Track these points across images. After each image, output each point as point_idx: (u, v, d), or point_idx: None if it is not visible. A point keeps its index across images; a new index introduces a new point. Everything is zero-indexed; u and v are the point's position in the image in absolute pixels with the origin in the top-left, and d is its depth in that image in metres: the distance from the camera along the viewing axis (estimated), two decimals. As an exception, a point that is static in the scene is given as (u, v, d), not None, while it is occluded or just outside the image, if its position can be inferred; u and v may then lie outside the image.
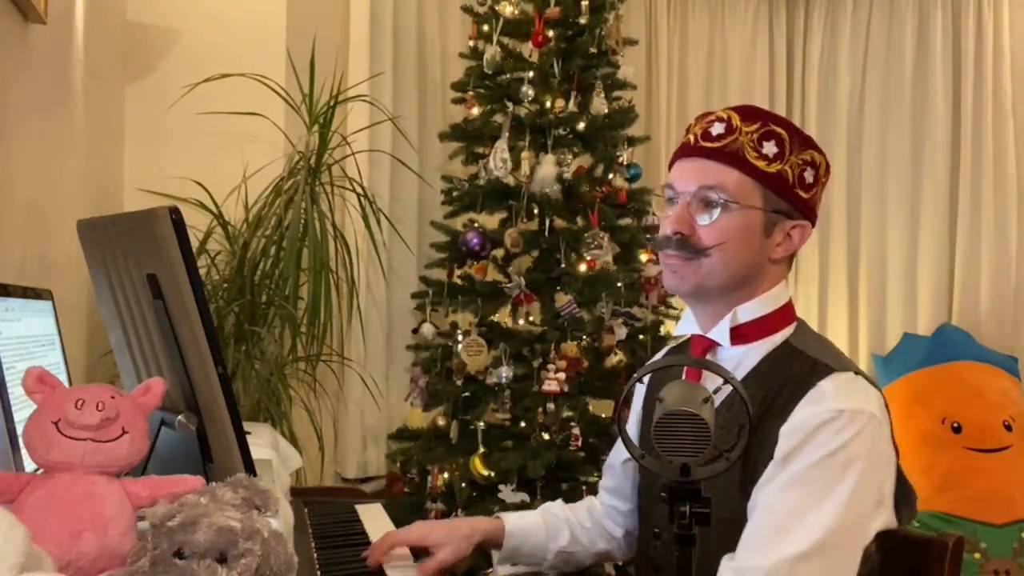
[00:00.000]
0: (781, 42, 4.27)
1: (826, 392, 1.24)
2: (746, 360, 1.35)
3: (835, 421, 1.22)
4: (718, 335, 1.36)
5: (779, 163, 1.31)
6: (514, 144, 3.23)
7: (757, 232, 1.32)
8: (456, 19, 3.73)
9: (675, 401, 1.00)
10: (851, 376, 1.28)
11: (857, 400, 1.25)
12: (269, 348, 2.85)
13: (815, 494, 1.20)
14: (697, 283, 1.34)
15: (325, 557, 1.53)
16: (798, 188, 1.33)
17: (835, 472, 1.21)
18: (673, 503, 0.99)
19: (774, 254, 1.35)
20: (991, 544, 3.47)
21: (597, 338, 3.21)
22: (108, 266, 1.37)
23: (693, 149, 1.35)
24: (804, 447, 1.22)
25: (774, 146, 1.31)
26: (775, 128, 1.33)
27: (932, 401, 3.68)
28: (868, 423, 1.24)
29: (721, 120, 1.34)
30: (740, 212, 1.31)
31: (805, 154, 1.34)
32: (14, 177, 1.90)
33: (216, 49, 2.95)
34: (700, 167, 1.33)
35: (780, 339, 1.35)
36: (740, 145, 1.31)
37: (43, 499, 0.97)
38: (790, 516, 1.20)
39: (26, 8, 1.88)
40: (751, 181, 1.31)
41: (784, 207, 1.33)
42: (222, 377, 1.14)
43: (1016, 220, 4.07)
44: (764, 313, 1.35)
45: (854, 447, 1.22)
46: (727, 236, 1.31)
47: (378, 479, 3.55)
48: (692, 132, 1.38)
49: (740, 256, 1.32)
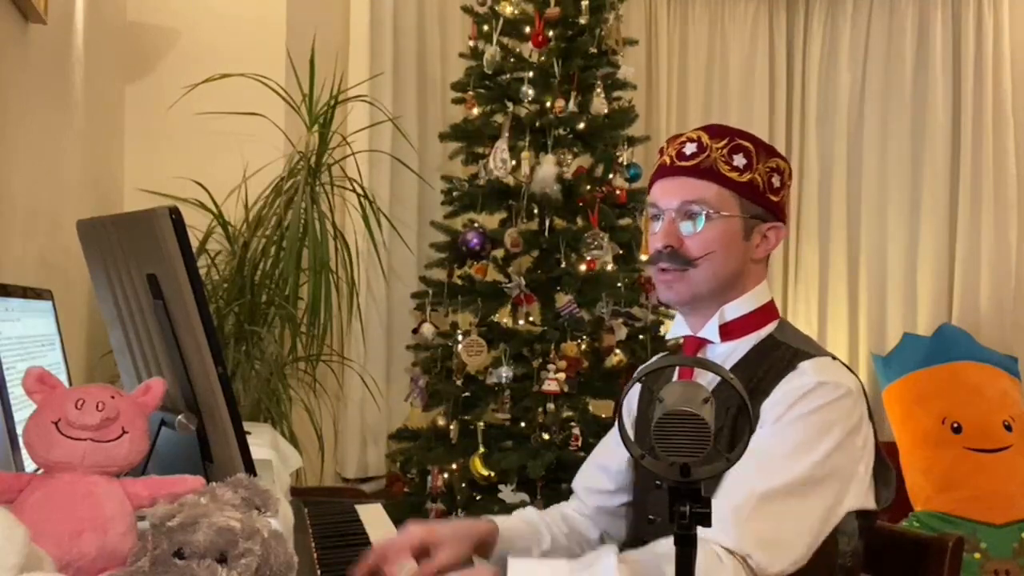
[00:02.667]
0: (781, 42, 4.26)
1: (806, 370, 1.36)
2: (733, 355, 1.45)
3: (816, 390, 1.32)
4: (708, 333, 1.47)
5: (749, 172, 1.44)
6: (514, 144, 3.22)
7: (738, 237, 1.44)
8: (456, 19, 3.73)
9: (675, 401, 0.99)
10: (829, 360, 1.40)
11: (835, 375, 1.36)
12: (269, 348, 2.85)
13: (793, 444, 1.29)
14: (691, 294, 1.45)
15: (325, 557, 1.53)
16: (768, 193, 1.46)
17: (814, 431, 1.30)
18: (673, 503, 0.99)
19: (755, 255, 1.47)
20: (991, 544, 3.47)
21: (597, 338, 3.21)
22: (108, 266, 1.37)
23: (671, 169, 1.47)
24: (787, 412, 1.32)
25: (743, 158, 1.43)
26: (741, 142, 1.45)
27: (932, 401, 3.67)
28: (846, 395, 1.34)
29: (692, 140, 1.46)
30: (721, 221, 1.42)
31: (771, 162, 1.46)
32: (14, 177, 1.90)
33: (216, 49, 2.95)
34: (680, 184, 1.45)
35: (764, 333, 1.46)
36: (713, 160, 1.43)
37: (43, 499, 0.97)
38: (764, 460, 1.27)
39: (26, 8, 1.88)
40: (727, 191, 1.43)
41: (759, 212, 1.45)
42: (222, 377, 1.14)
43: (1016, 220, 4.07)
44: (749, 310, 1.46)
45: (834, 412, 1.32)
46: (713, 245, 1.42)
47: (378, 479, 3.55)
48: (667, 154, 1.49)
49: (726, 262, 1.44)
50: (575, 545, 1.62)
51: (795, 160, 4.26)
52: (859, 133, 4.21)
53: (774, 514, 1.26)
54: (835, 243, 4.21)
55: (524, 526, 1.58)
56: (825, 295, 4.23)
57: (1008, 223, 4.07)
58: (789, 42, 4.28)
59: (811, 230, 4.23)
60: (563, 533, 1.61)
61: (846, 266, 4.21)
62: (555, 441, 3.04)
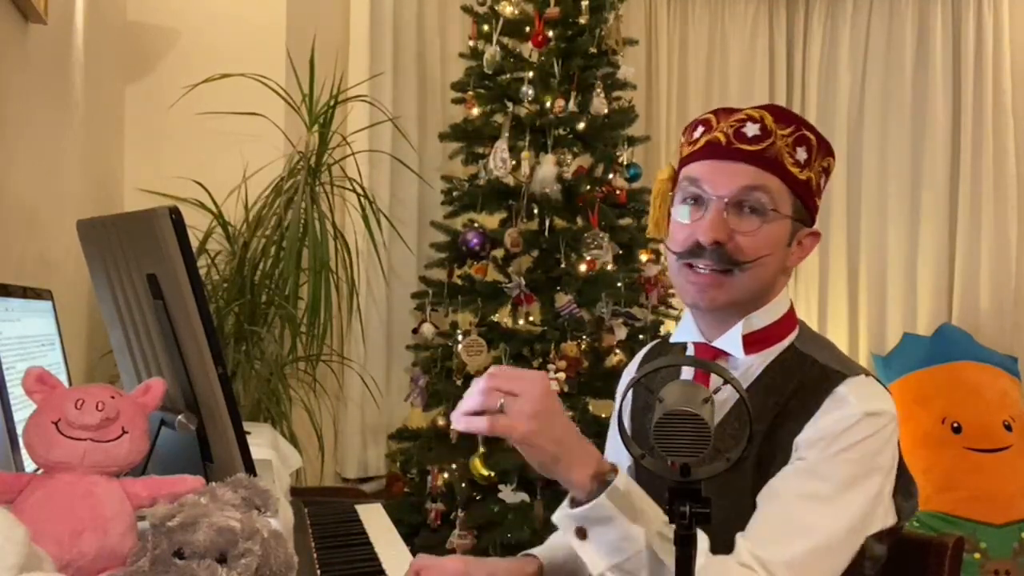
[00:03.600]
0: (781, 42, 4.27)
1: (847, 398, 1.21)
2: (752, 369, 1.29)
3: (861, 423, 1.19)
4: (728, 345, 1.29)
5: (808, 170, 1.26)
6: (514, 144, 3.23)
7: (785, 243, 1.27)
8: (456, 19, 3.73)
9: (675, 401, 0.99)
10: (864, 379, 1.25)
11: (878, 402, 1.23)
12: (269, 348, 2.85)
13: (836, 488, 1.17)
14: (729, 301, 1.26)
15: (325, 557, 1.53)
16: (817, 196, 1.29)
17: (856, 471, 1.19)
18: (673, 503, 0.98)
19: (790, 262, 1.30)
20: (991, 544, 3.47)
21: (597, 338, 3.21)
22: (108, 266, 1.37)
23: (727, 151, 1.24)
24: (834, 443, 1.19)
25: (805, 152, 1.25)
26: (807, 133, 1.26)
27: (932, 401, 3.67)
28: (890, 423, 1.23)
29: (754, 120, 1.25)
30: (779, 220, 1.24)
31: (825, 161, 1.29)
32: (14, 177, 1.90)
33: (216, 49, 2.95)
34: (740, 171, 1.23)
35: (785, 344, 1.30)
36: (778, 150, 1.24)
37: (43, 499, 0.97)
38: (809, 506, 1.17)
39: (26, 8, 1.88)
40: (786, 189, 1.25)
41: (805, 215, 1.28)
42: (222, 377, 1.14)
43: (1016, 220, 4.07)
44: (774, 320, 1.30)
45: (877, 448, 1.20)
46: (767, 247, 1.23)
47: (378, 479, 3.55)
48: (720, 130, 1.27)
49: (771, 269, 1.26)
50: None
51: (795, 160, 4.26)
52: (859, 133, 4.21)
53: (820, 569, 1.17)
54: (835, 243, 4.21)
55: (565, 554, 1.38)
56: (825, 295, 4.23)
57: (1008, 223, 4.07)
58: (789, 42, 4.29)
59: (811, 230, 4.23)
60: None
61: (846, 266, 4.21)
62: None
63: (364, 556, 1.57)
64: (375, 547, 1.62)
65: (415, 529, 3.16)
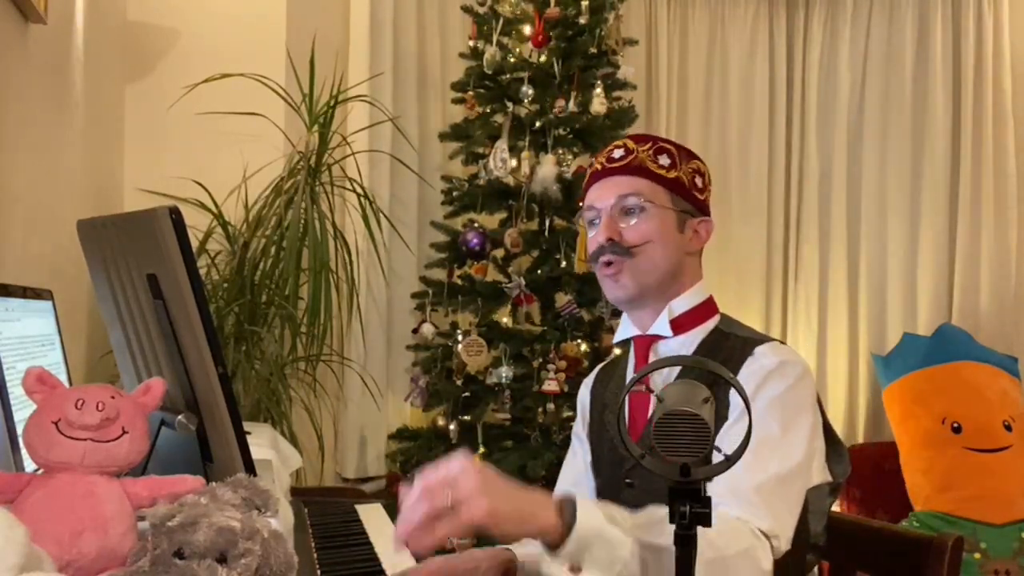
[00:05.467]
0: (781, 42, 4.26)
1: (764, 352, 1.43)
2: (682, 349, 1.51)
3: (779, 368, 1.39)
4: (659, 328, 1.53)
5: (675, 171, 1.53)
6: (514, 144, 3.23)
7: (673, 228, 1.52)
8: (456, 19, 3.73)
9: (675, 401, 0.99)
10: (777, 343, 1.47)
11: (791, 355, 1.44)
12: (269, 348, 2.85)
13: (782, 425, 1.34)
14: (636, 284, 1.51)
15: (325, 557, 1.53)
16: (694, 190, 1.54)
17: (789, 412, 1.36)
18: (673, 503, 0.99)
19: (689, 248, 1.54)
20: (991, 544, 3.47)
21: (597, 338, 3.21)
22: (108, 266, 1.37)
23: (603, 172, 1.55)
24: (759, 391, 1.37)
25: (667, 158, 1.53)
26: (664, 144, 1.55)
27: (932, 401, 3.67)
28: (806, 372, 1.42)
29: (618, 147, 1.56)
30: (656, 211, 1.50)
31: (692, 164, 1.55)
32: (14, 177, 1.90)
33: (216, 49, 2.96)
34: (614, 183, 1.53)
35: (710, 326, 1.53)
36: (641, 160, 1.52)
37: (43, 499, 0.97)
38: (760, 450, 1.30)
39: (26, 8, 1.88)
40: (657, 186, 1.51)
41: (687, 207, 1.53)
42: (222, 377, 1.14)
43: (1016, 220, 4.07)
44: (695, 304, 1.53)
45: (800, 392, 1.39)
46: (650, 235, 1.50)
47: (378, 479, 3.55)
48: (598, 162, 1.59)
49: (664, 251, 1.50)
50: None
51: (795, 160, 4.27)
52: (859, 133, 4.21)
53: (785, 497, 1.30)
54: (835, 243, 4.21)
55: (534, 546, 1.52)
56: (825, 295, 4.23)
57: (1008, 223, 4.07)
58: (789, 42, 4.28)
59: (811, 230, 4.23)
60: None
61: (846, 266, 4.21)
62: (555, 441, 3.05)
63: (364, 556, 1.57)
64: (375, 547, 1.62)
65: (415, 529, 3.15)
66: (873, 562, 1.52)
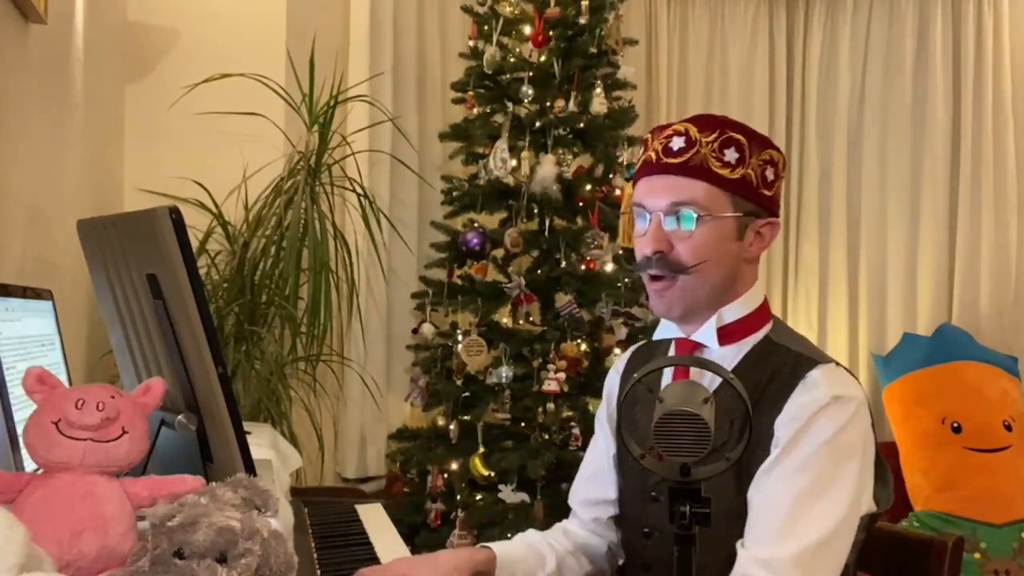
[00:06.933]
0: (781, 42, 4.26)
1: (818, 381, 1.29)
2: (730, 359, 1.37)
3: (830, 407, 1.27)
4: (704, 337, 1.39)
5: (742, 168, 1.34)
6: (514, 144, 3.23)
7: (732, 238, 1.36)
8: (456, 19, 3.73)
9: (675, 401, 0.99)
10: (833, 367, 1.34)
11: (846, 387, 1.31)
12: (269, 348, 2.85)
13: (822, 480, 1.25)
14: (684, 306, 1.37)
15: (325, 557, 1.53)
16: (762, 188, 1.37)
17: (837, 459, 1.26)
18: (673, 503, 0.99)
19: (748, 254, 1.39)
20: (991, 544, 3.47)
21: (597, 338, 3.21)
22: (108, 266, 1.37)
23: (657, 167, 1.36)
24: (804, 435, 1.26)
25: (735, 152, 1.34)
26: (733, 134, 1.35)
27: (932, 401, 3.67)
28: (859, 408, 1.30)
29: (679, 134, 1.36)
30: (713, 222, 1.33)
31: (764, 154, 1.37)
32: (14, 177, 1.90)
33: (216, 49, 2.96)
34: (668, 184, 1.34)
35: (761, 336, 1.39)
36: (703, 157, 1.33)
37: (43, 499, 0.97)
38: (802, 503, 1.24)
39: (26, 8, 1.88)
40: (718, 190, 1.33)
41: (752, 208, 1.36)
42: (222, 377, 1.14)
43: (1016, 220, 4.07)
44: (746, 313, 1.39)
45: (852, 433, 1.28)
46: (705, 252, 1.33)
47: (378, 479, 3.55)
48: (652, 149, 1.39)
49: (719, 268, 1.35)
50: (583, 558, 1.54)
51: (795, 160, 4.26)
52: (859, 133, 4.21)
53: (826, 561, 1.25)
54: (835, 243, 4.21)
55: (525, 549, 1.48)
56: (825, 295, 4.23)
57: (1008, 223, 4.06)
58: (789, 42, 4.28)
59: (811, 230, 4.23)
60: (568, 550, 1.53)
61: (846, 266, 4.21)
62: (555, 441, 3.05)
63: (364, 556, 1.57)
64: (375, 547, 1.62)
65: (415, 529, 3.16)
66: (873, 562, 1.52)
